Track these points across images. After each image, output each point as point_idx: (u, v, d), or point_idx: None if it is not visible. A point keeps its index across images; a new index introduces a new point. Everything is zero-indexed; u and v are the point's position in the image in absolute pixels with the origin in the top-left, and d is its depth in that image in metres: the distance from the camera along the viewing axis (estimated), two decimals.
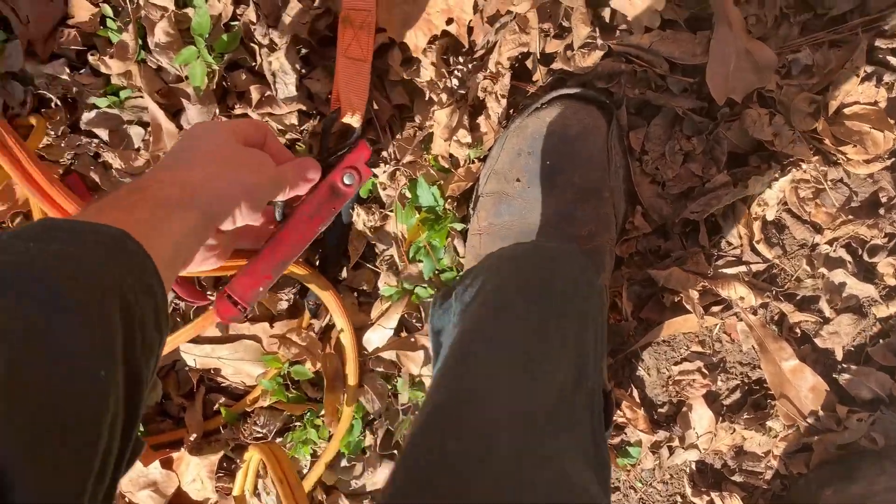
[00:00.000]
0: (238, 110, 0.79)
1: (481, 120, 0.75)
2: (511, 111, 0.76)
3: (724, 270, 0.78)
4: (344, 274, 0.84)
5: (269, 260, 0.71)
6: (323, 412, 0.86)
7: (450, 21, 0.75)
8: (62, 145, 0.81)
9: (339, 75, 0.75)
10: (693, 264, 0.78)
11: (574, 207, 0.72)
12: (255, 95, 0.78)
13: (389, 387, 0.86)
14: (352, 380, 0.84)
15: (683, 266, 0.78)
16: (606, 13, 0.74)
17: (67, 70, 0.80)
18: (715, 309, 0.80)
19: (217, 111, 0.79)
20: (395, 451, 0.87)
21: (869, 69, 0.72)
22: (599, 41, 0.72)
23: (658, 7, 0.70)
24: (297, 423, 0.90)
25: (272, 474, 0.82)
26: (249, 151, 0.62)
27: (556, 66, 0.74)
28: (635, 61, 0.73)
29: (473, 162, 0.77)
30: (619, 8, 0.72)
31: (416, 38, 0.76)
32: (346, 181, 0.73)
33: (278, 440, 0.89)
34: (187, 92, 0.78)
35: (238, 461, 0.91)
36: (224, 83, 0.80)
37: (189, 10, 0.77)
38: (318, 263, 0.83)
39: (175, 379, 0.89)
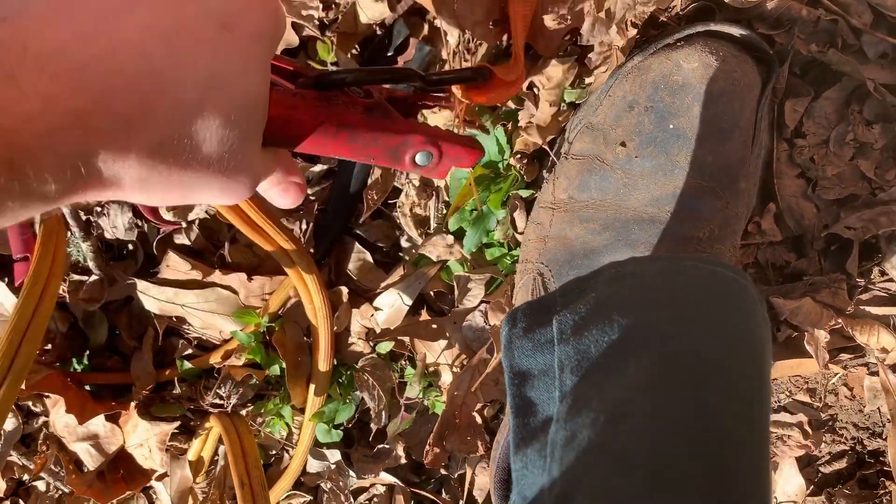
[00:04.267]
0: None
1: (593, 55, 0.52)
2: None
3: (869, 309, 0.58)
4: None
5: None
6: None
7: None
8: None
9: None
10: (829, 295, 0.57)
11: (697, 198, 0.51)
12: None
13: (395, 371, 0.67)
14: (323, 365, 0.65)
15: (816, 296, 0.57)
16: None
17: None
18: (843, 356, 0.60)
19: None
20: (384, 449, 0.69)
21: None
22: None
23: None
24: (274, 392, 0.71)
25: (229, 453, 0.64)
26: None
27: None
28: (823, 2, 0.50)
29: (564, 108, 0.55)
30: None
31: None
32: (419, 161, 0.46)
33: (248, 409, 0.71)
34: None
35: (197, 424, 0.73)
36: None
37: None
38: (307, 236, 0.63)
39: (128, 317, 0.70)
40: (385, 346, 0.66)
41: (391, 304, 0.64)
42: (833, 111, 0.54)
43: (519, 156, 0.55)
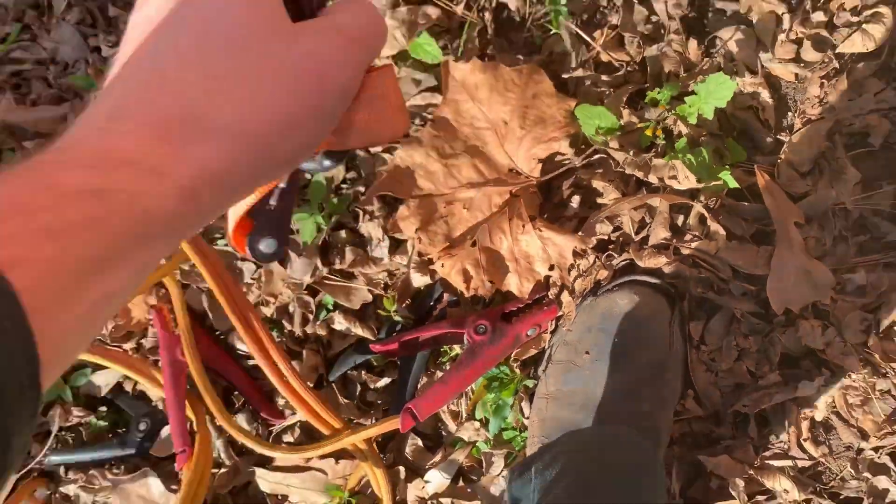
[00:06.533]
0: (338, 264, 0.89)
1: (564, 296, 0.83)
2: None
3: (771, 462, 0.83)
4: None
5: (452, 390, 0.81)
6: None
7: (551, 267, 0.84)
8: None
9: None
10: (742, 453, 0.83)
11: (638, 385, 0.78)
12: (349, 256, 0.88)
13: None
14: None
15: (733, 454, 0.83)
16: (680, 220, 0.82)
17: None
18: (760, 498, 0.84)
19: (319, 264, 0.88)
20: None
21: None
22: (674, 243, 0.80)
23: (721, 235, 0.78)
24: None
25: None
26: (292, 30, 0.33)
27: (628, 256, 0.82)
28: (702, 265, 0.81)
29: (546, 332, 0.84)
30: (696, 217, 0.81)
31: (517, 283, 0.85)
32: (530, 333, 0.82)
33: None
34: (296, 242, 0.88)
35: None
36: (328, 238, 0.90)
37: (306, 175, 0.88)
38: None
39: (245, 497, 0.95)
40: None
41: (437, 477, 0.90)
42: (721, 328, 0.82)
43: (517, 362, 0.84)
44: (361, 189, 0.88)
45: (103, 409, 0.98)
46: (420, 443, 0.91)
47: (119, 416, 0.99)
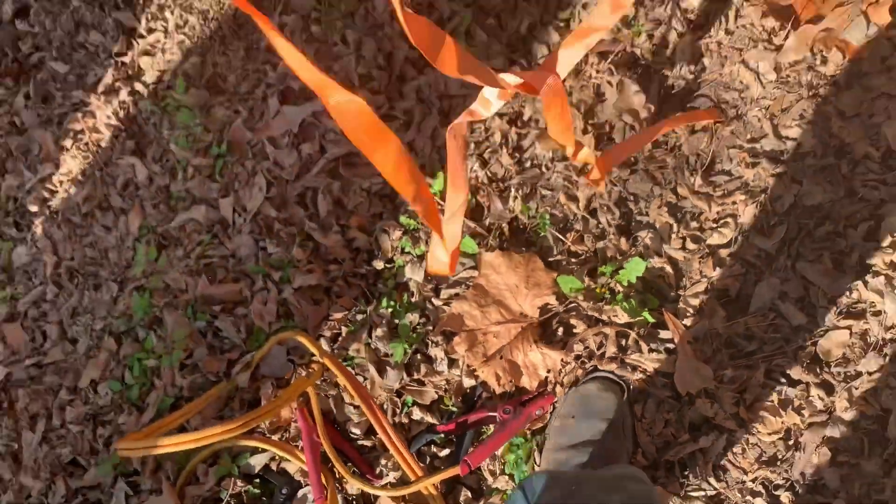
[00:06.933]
0: (416, 375, 1.43)
1: (557, 388, 1.37)
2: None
3: (691, 493, 1.32)
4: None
5: (491, 449, 1.31)
6: None
7: (549, 371, 1.40)
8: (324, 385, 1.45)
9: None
10: (672, 487, 1.33)
11: (605, 437, 1.30)
12: (423, 369, 1.43)
13: None
14: None
15: (667, 488, 1.32)
16: (623, 341, 1.38)
17: (325, 343, 1.47)
18: None
19: (404, 375, 1.43)
20: None
21: (767, 381, 1.32)
22: (620, 356, 1.36)
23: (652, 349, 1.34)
24: None
25: None
26: None
27: (594, 363, 1.37)
28: (637, 368, 1.36)
29: (548, 412, 1.37)
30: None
31: (528, 381, 1.40)
32: (538, 413, 1.33)
33: None
34: (390, 362, 1.44)
35: None
36: (409, 359, 1.45)
37: (396, 320, 1.46)
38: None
39: None
40: None
41: None
42: (653, 407, 1.35)
43: (530, 432, 1.36)
44: (430, 328, 1.45)
45: (256, 480, 1.48)
46: (469, 494, 1.41)
47: (265, 487, 1.49)
